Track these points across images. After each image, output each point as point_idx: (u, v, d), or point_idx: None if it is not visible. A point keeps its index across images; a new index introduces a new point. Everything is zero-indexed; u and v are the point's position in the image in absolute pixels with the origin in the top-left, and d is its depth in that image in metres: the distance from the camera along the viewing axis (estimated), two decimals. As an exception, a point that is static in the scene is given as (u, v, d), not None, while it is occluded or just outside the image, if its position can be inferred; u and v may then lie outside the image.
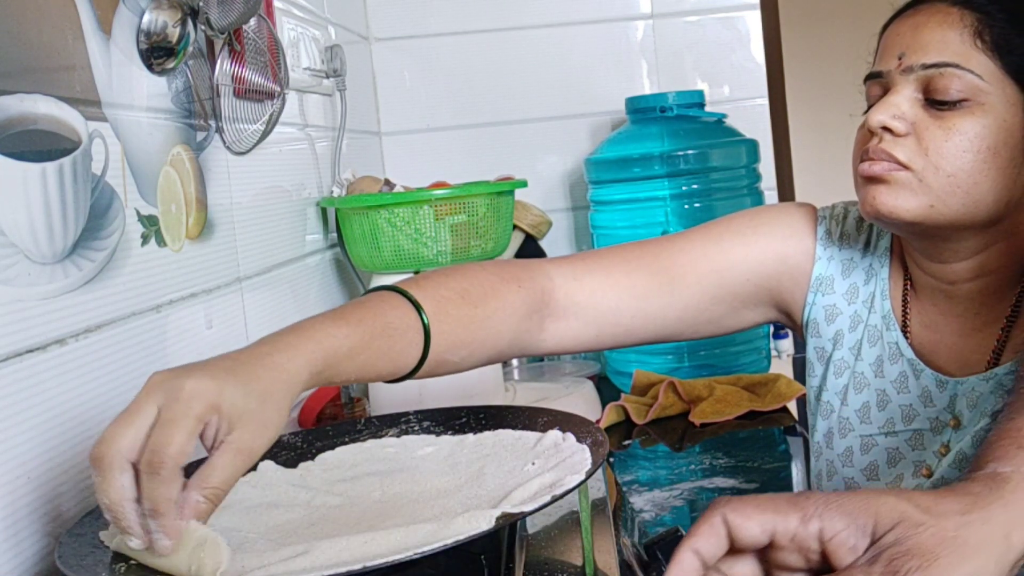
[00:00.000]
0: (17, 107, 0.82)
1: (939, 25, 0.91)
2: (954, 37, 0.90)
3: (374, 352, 0.83)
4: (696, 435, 1.56)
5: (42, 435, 0.81)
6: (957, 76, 0.89)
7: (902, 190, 0.91)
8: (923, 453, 0.96)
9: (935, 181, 0.90)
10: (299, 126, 1.58)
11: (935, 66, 0.90)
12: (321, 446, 0.96)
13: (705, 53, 2.18)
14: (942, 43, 0.90)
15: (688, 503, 1.32)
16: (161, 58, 1.04)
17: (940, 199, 0.90)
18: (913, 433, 0.97)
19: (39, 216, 0.83)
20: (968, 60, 0.89)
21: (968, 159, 0.89)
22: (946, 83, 0.89)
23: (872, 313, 1.02)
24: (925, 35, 0.91)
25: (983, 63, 0.89)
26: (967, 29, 0.90)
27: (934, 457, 0.96)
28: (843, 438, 1.03)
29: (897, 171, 0.91)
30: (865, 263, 1.03)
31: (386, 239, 1.49)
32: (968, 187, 0.89)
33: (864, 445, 1.01)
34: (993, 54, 0.89)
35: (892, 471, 0.98)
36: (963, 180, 0.89)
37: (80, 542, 0.74)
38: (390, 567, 0.65)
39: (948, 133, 0.89)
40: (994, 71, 0.89)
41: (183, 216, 1.10)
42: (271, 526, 0.80)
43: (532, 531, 0.87)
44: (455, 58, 2.17)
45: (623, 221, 1.93)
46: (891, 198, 0.91)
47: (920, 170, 0.90)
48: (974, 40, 0.89)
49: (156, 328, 1.02)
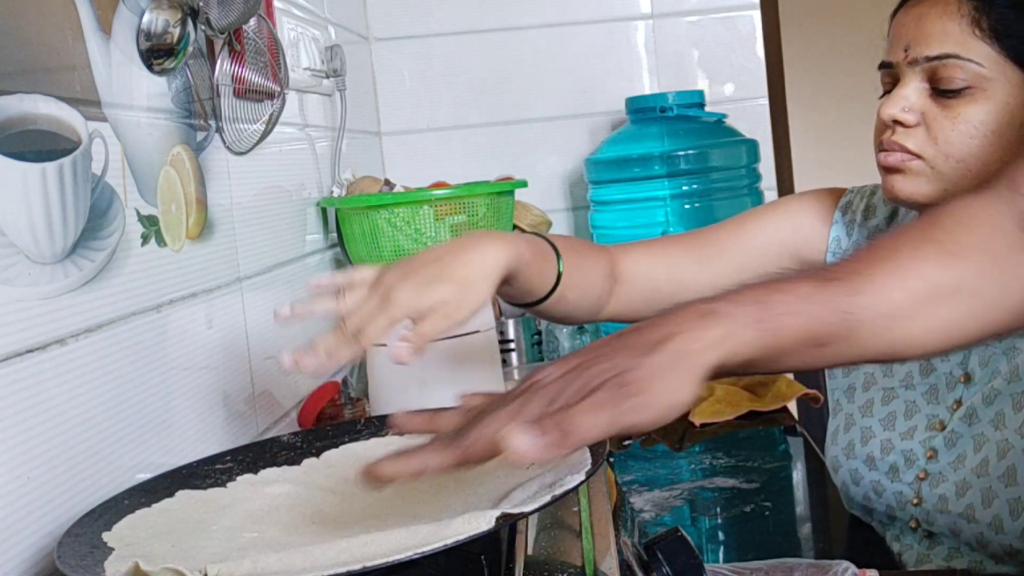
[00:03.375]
0: (17, 107, 0.82)
1: (939, 16, 0.95)
2: (953, 27, 0.95)
3: (537, 264, 1.01)
4: (696, 435, 1.56)
5: (42, 435, 0.81)
6: (959, 66, 0.94)
7: (917, 178, 0.97)
8: (937, 407, 1.02)
9: (946, 167, 0.96)
10: (299, 126, 1.58)
11: (938, 58, 0.95)
12: (321, 446, 0.96)
13: (705, 53, 2.18)
14: (943, 34, 0.95)
15: (688, 503, 1.32)
16: (161, 58, 1.04)
17: (953, 183, 0.95)
18: (929, 387, 1.03)
19: (39, 216, 0.83)
20: (968, 49, 0.94)
21: (975, 144, 0.94)
22: (949, 73, 0.94)
23: None
24: (927, 26, 0.96)
25: (983, 50, 0.94)
26: (965, 18, 0.94)
27: (947, 412, 1.01)
28: (866, 391, 1.09)
29: (911, 160, 0.97)
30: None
31: (386, 239, 1.49)
32: (978, 170, 0.94)
33: (885, 397, 1.07)
34: (992, 40, 0.94)
35: (908, 423, 1.04)
36: (972, 164, 0.95)
37: (80, 542, 0.74)
38: (390, 567, 0.65)
39: (954, 122, 0.95)
40: (994, 57, 0.94)
41: (183, 216, 1.10)
42: (272, 524, 0.80)
43: (532, 531, 0.87)
44: (455, 58, 2.17)
45: (623, 221, 1.93)
46: (908, 185, 0.98)
47: (932, 158, 0.96)
48: (972, 29, 0.94)
49: (156, 328, 1.02)
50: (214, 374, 1.15)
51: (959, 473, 0.99)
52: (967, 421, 0.99)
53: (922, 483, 1.03)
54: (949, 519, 1.00)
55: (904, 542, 1.07)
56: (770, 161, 2.17)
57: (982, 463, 0.97)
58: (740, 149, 1.94)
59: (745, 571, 0.93)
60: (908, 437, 1.04)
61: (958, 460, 1.00)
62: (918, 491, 1.03)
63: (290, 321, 0.91)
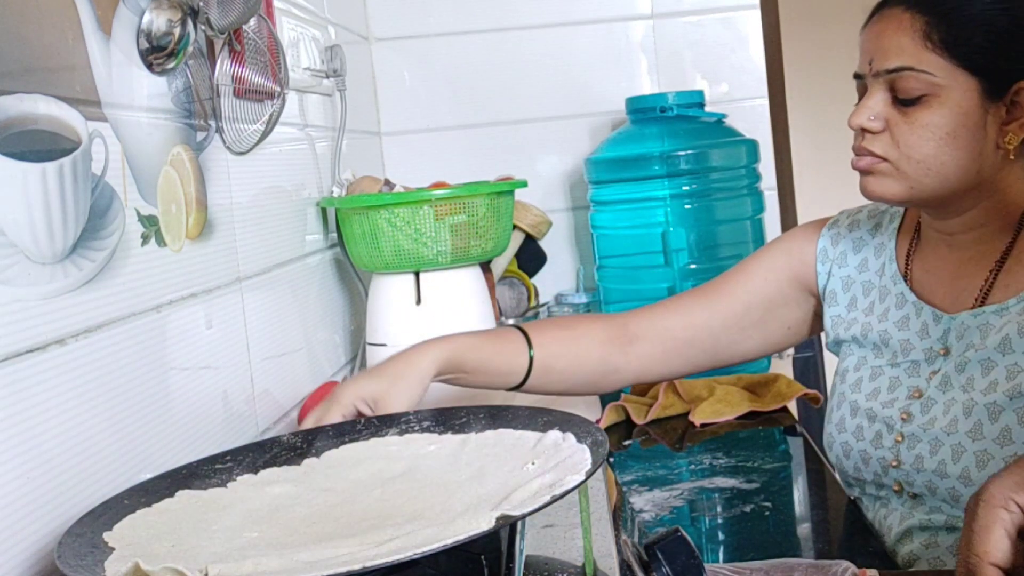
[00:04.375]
0: (17, 107, 0.82)
1: (895, 32, 1.06)
2: (907, 42, 1.05)
3: (490, 348, 1.21)
4: (696, 435, 1.56)
5: (42, 435, 0.81)
6: (914, 77, 1.04)
7: (885, 178, 1.09)
8: (917, 379, 1.12)
9: (908, 167, 1.07)
10: (299, 126, 1.58)
11: (895, 70, 1.05)
12: (321, 446, 0.96)
13: (705, 53, 2.18)
14: (899, 48, 1.05)
15: (688, 503, 1.32)
16: (161, 58, 1.04)
17: (916, 180, 1.07)
18: (912, 363, 1.13)
19: (39, 216, 0.83)
20: (921, 61, 1.04)
21: (932, 146, 1.05)
22: (905, 84, 1.05)
23: (883, 277, 1.19)
24: (885, 42, 1.07)
25: (934, 61, 1.04)
26: (918, 32, 1.04)
27: (925, 382, 1.11)
28: (856, 372, 1.19)
29: (878, 163, 1.08)
30: (876, 242, 1.21)
31: (386, 239, 1.49)
32: (937, 168, 1.06)
33: (872, 374, 1.17)
34: (943, 51, 1.03)
35: (890, 395, 1.14)
36: (931, 163, 1.06)
37: (80, 542, 0.74)
38: (390, 567, 0.65)
39: (912, 127, 1.06)
40: (945, 66, 1.03)
41: (183, 216, 1.10)
42: (272, 524, 0.80)
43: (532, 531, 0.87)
44: (455, 58, 2.17)
45: (623, 221, 1.93)
46: (877, 186, 1.09)
47: (895, 160, 1.07)
48: (924, 42, 1.04)
49: (156, 328, 1.02)
50: (214, 374, 1.15)
51: (930, 433, 1.08)
52: (942, 388, 1.09)
53: (900, 446, 1.10)
54: (925, 477, 1.08)
55: (891, 507, 1.14)
56: (770, 161, 2.17)
57: (951, 422, 1.06)
58: (740, 149, 1.94)
59: (745, 571, 0.93)
60: (889, 406, 1.13)
61: (929, 421, 1.08)
62: (897, 454, 1.11)
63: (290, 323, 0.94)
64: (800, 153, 2.93)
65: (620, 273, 1.95)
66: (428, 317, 1.51)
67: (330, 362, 1.60)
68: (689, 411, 1.62)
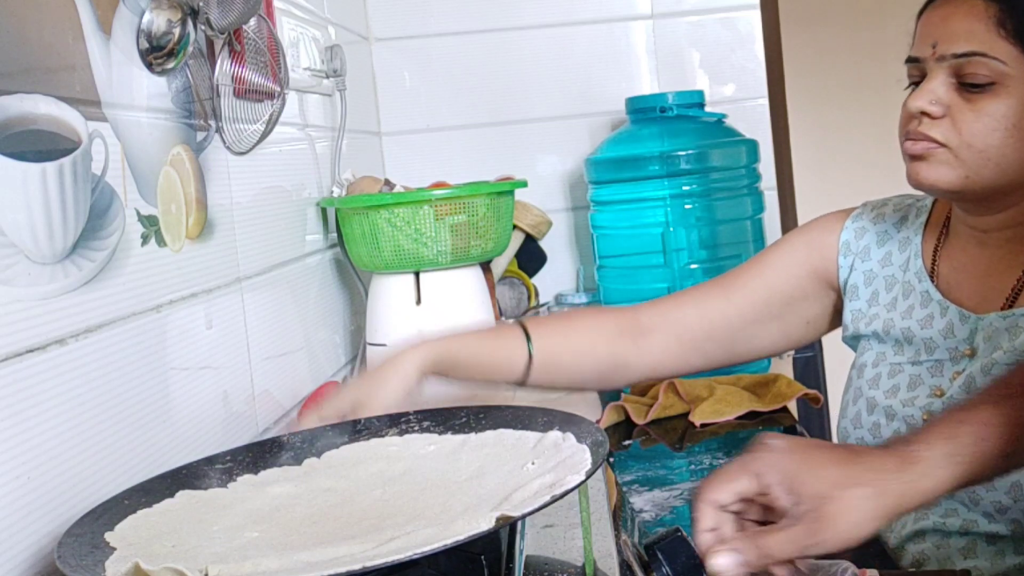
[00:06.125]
0: (17, 107, 0.82)
1: (966, 16, 1.02)
2: (980, 27, 1.01)
3: (484, 343, 1.18)
4: (696, 435, 1.56)
5: (42, 435, 0.81)
6: (984, 63, 1.01)
7: (940, 165, 1.04)
8: (940, 379, 1.09)
9: (968, 156, 1.02)
10: (299, 126, 1.58)
11: (964, 55, 1.01)
12: (321, 446, 0.96)
13: (705, 53, 2.18)
14: (969, 33, 1.01)
15: (688, 503, 1.32)
16: (161, 58, 1.04)
17: (974, 171, 1.03)
18: (935, 363, 1.10)
19: (39, 216, 0.83)
20: (993, 48, 1.00)
21: (997, 136, 1.01)
22: (974, 69, 1.01)
23: (907, 273, 1.15)
24: (954, 25, 1.03)
25: (1006, 50, 1.00)
26: (991, 19, 1.01)
27: (948, 382, 1.08)
28: (875, 367, 1.15)
29: (935, 149, 1.04)
30: (901, 236, 1.17)
31: (386, 239, 1.49)
32: (998, 159, 1.02)
33: (892, 371, 1.14)
34: (1015, 40, 1.00)
35: (911, 393, 1.11)
36: (993, 154, 1.02)
37: (80, 542, 0.74)
38: (390, 567, 0.65)
39: (978, 115, 1.02)
40: (1017, 56, 1.00)
41: (183, 216, 1.10)
42: (273, 524, 0.80)
43: (532, 531, 0.87)
44: (455, 58, 2.17)
45: (623, 221, 1.93)
46: (931, 172, 1.04)
47: (955, 147, 1.03)
48: (998, 29, 1.01)
49: (156, 328, 1.02)
50: (214, 374, 1.15)
51: None
52: (965, 389, 1.06)
53: None
54: None
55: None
56: (770, 161, 2.17)
57: None
58: (740, 149, 1.94)
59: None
60: (909, 404, 1.10)
61: None
62: None
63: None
64: (800, 153, 2.93)
65: (620, 273, 1.95)
66: (428, 317, 1.51)
67: (330, 362, 1.60)
68: (689, 411, 1.62)
